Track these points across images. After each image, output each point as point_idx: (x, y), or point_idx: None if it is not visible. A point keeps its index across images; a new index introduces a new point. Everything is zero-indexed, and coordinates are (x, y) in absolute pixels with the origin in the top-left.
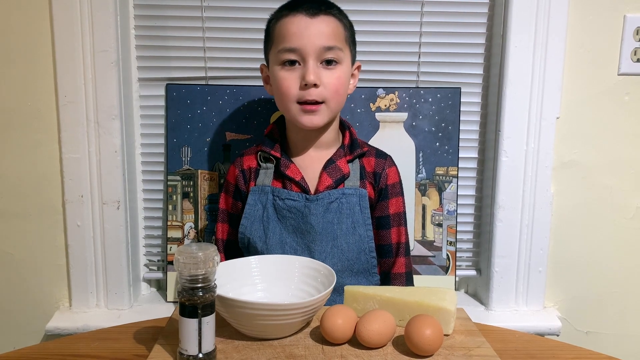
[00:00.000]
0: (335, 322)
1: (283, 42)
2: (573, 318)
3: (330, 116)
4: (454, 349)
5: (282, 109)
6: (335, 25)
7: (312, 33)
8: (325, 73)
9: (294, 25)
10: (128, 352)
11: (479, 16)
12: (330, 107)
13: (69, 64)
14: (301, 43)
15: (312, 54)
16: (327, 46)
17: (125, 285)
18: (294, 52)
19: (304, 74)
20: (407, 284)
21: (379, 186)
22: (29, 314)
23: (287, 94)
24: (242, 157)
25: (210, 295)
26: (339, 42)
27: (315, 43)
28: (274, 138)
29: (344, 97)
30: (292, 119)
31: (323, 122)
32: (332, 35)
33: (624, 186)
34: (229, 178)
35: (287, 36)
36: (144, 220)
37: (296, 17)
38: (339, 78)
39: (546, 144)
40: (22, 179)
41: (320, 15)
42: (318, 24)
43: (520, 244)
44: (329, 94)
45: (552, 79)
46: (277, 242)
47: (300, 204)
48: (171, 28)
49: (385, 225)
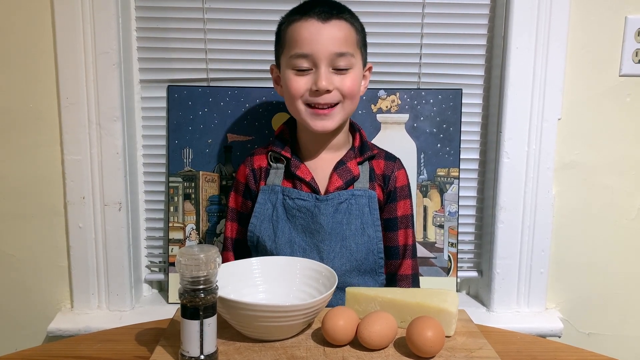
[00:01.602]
0: (336, 323)
1: (295, 48)
2: (575, 319)
3: (343, 118)
4: (455, 351)
5: (293, 111)
6: (347, 30)
7: (324, 39)
8: (337, 78)
9: (306, 31)
10: (130, 353)
11: (480, 17)
12: (345, 108)
13: (70, 66)
14: (313, 49)
15: (324, 60)
16: (339, 52)
17: (127, 287)
18: (306, 57)
19: (316, 79)
20: (414, 285)
21: (388, 188)
22: (30, 315)
23: (298, 98)
24: (253, 156)
25: (212, 297)
26: (351, 47)
27: (327, 49)
28: (284, 139)
29: (357, 99)
30: (303, 122)
31: (335, 126)
32: (344, 40)
33: (626, 187)
34: (239, 177)
35: (299, 41)
36: (145, 221)
37: (308, 21)
38: (352, 80)
39: (547, 145)
40: (24, 180)
41: (332, 20)
42: (330, 29)
43: (521, 245)
44: (342, 97)
45: (554, 80)
46: (286, 241)
47: (310, 203)
48: (173, 30)
49: (393, 228)
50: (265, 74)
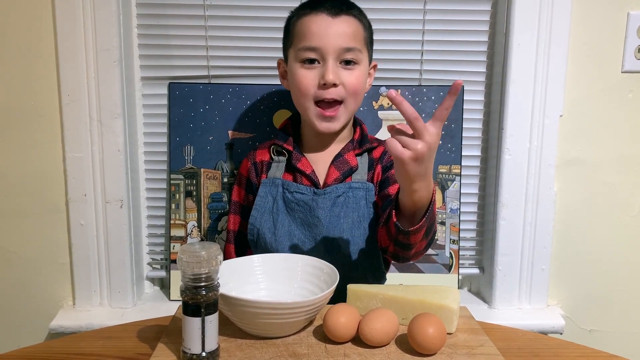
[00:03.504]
0: (338, 320)
1: (304, 41)
2: (576, 316)
3: (347, 118)
4: (457, 348)
5: (299, 107)
6: (356, 26)
7: (333, 33)
8: (344, 73)
9: (315, 25)
10: (132, 350)
11: (482, 14)
12: (349, 107)
13: (71, 63)
14: (322, 42)
15: (332, 54)
16: (347, 47)
17: (129, 284)
18: (315, 51)
19: (323, 73)
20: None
21: (384, 163)
22: (32, 312)
23: (305, 92)
24: (256, 150)
25: (214, 294)
26: (359, 43)
27: (335, 43)
28: (287, 132)
29: (362, 97)
30: (309, 120)
31: (340, 127)
32: (353, 36)
33: (628, 183)
34: (241, 170)
35: (308, 35)
36: (147, 219)
37: (318, 16)
38: (358, 78)
39: (549, 141)
40: (25, 178)
41: (341, 15)
42: (339, 24)
43: (523, 242)
44: (347, 94)
45: (555, 76)
46: (285, 234)
47: (307, 197)
48: (174, 27)
49: (386, 185)
50: (267, 71)
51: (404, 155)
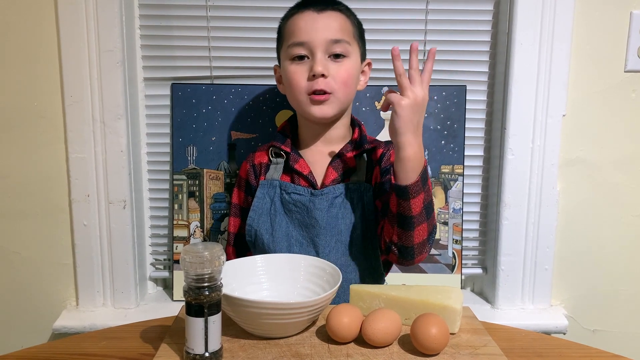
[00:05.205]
0: (341, 320)
1: (292, 38)
2: (580, 316)
3: (339, 107)
4: (460, 348)
5: (293, 102)
6: (343, 20)
7: (320, 27)
8: (333, 65)
9: (302, 21)
10: (135, 351)
11: (484, 14)
12: (339, 98)
13: (74, 64)
14: (309, 37)
15: (319, 47)
16: (334, 39)
17: (132, 284)
18: (303, 45)
19: (312, 65)
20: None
21: (383, 165)
22: (36, 313)
23: (297, 87)
24: (255, 152)
25: (217, 294)
26: (347, 35)
27: (322, 36)
28: (286, 134)
29: (353, 90)
30: (302, 111)
31: (333, 113)
32: (339, 28)
33: (631, 183)
34: (240, 173)
35: (295, 31)
36: (150, 219)
37: (304, 13)
38: (347, 70)
39: (552, 141)
40: (29, 178)
41: (327, 10)
42: (325, 18)
43: (526, 242)
44: (337, 85)
45: (558, 76)
46: (283, 235)
47: (305, 198)
48: (176, 27)
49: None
50: (269, 72)
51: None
